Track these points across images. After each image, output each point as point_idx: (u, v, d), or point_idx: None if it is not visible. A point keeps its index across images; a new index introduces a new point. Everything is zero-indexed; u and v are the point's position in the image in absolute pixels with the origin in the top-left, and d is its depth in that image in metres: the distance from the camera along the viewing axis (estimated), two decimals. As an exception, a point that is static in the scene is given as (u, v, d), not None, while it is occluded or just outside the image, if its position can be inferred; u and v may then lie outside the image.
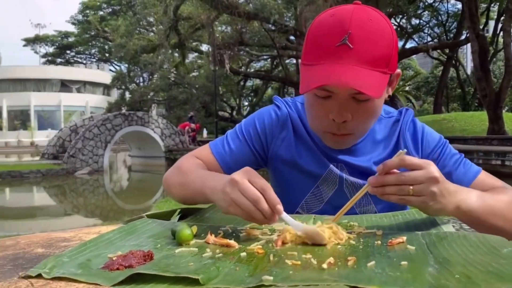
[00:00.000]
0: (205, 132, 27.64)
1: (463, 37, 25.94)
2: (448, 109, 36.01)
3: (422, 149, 1.06)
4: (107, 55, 44.37)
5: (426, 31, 33.64)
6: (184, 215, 1.05)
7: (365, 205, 1.07)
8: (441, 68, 31.07)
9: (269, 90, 40.79)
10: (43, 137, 31.57)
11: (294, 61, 32.54)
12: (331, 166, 1.06)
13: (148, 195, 12.05)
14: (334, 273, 0.61)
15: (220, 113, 24.47)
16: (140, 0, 20.80)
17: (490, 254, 0.68)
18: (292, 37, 17.12)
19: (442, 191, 0.80)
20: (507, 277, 0.58)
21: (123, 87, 35.01)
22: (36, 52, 50.54)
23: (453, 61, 30.66)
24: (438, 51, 30.66)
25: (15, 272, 0.67)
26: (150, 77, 36.65)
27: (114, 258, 0.70)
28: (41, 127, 38.87)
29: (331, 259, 0.66)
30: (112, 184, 15.46)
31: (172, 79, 29.39)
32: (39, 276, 0.64)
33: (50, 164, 16.22)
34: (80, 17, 45.06)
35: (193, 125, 21.33)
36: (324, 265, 0.64)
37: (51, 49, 49.51)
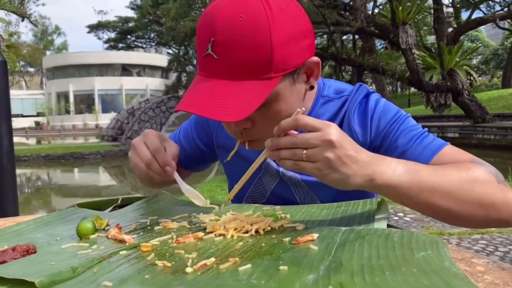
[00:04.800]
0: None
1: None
2: (520, 83, 33.52)
3: (371, 129, 0.90)
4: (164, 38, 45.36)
5: (495, -1, 31.32)
6: (126, 204, 1.00)
7: (303, 193, 0.97)
8: None
9: (326, 68, 39.94)
10: (107, 120, 32.95)
11: (351, 36, 31.57)
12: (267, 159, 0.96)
13: (201, 176, 12.27)
14: (190, 279, 0.54)
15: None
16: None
17: (398, 260, 0.57)
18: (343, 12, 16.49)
19: (341, 157, 0.67)
20: (386, 292, 0.47)
21: (179, 69, 35.71)
22: (99, 38, 52.83)
23: (525, 31, 28.40)
24: (509, 20, 28.47)
25: None
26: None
27: (-4, 253, 0.66)
28: (105, 110, 40.62)
29: (210, 261, 0.59)
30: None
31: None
32: None
33: (109, 145, 16.97)
34: (138, 1, 46.28)
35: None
36: (189, 269, 0.56)
37: (113, 35, 51.44)
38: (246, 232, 0.72)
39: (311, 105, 0.93)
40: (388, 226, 0.78)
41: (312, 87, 0.85)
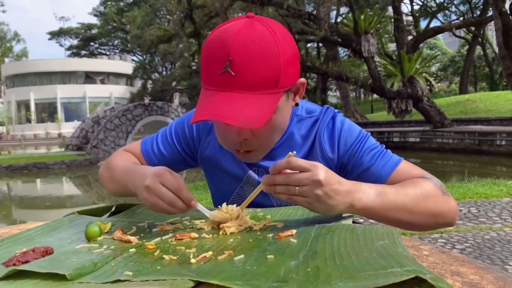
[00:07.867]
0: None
1: (490, 14, 25.05)
2: (476, 89, 35.07)
3: (338, 148, 1.05)
4: (129, 45, 44.87)
5: (451, 9, 32.74)
6: (120, 210, 1.11)
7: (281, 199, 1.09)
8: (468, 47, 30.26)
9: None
10: (70, 129, 32.34)
11: (316, 44, 32.26)
12: (250, 171, 1.08)
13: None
14: (195, 268, 0.66)
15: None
16: (155, -10, 20.91)
17: (362, 247, 0.71)
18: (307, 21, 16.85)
19: (328, 193, 0.82)
20: (353, 271, 0.61)
21: (145, 77, 35.49)
22: (61, 45, 51.69)
23: (480, 39, 29.78)
24: (464, 29, 29.79)
25: None
26: (172, 66, 36.93)
27: (17, 254, 0.76)
28: (68, 118, 39.80)
29: (208, 254, 0.71)
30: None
31: (194, 67, 29.55)
32: None
33: (74, 155, 16.68)
34: (102, 8, 45.64)
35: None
36: (193, 260, 0.68)
37: (75, 42, 50.46)
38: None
39: (288, 122, 1.06)
40: (354, 222, 0.93)
41: (297, 104, 0.99)
